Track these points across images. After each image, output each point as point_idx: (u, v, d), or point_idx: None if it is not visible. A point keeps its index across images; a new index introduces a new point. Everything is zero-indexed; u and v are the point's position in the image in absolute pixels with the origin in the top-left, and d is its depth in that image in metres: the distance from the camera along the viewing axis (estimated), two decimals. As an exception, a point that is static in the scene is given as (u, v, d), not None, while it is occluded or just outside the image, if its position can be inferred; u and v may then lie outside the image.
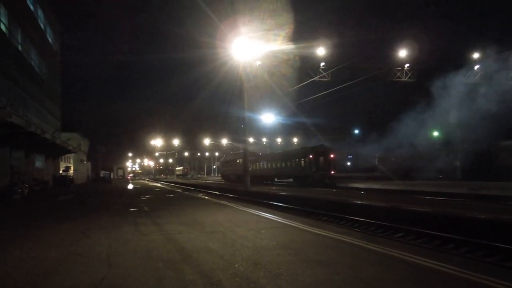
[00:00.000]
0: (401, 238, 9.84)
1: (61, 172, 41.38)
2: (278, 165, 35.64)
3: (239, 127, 30.08)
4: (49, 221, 10.54)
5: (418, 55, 29.45)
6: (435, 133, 46.26)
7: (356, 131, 64.01)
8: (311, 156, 30.28)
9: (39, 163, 32.18)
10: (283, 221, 9.35)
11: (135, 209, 13.22)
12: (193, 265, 5.26)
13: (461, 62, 31.34)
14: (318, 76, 29.56)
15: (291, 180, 35.13)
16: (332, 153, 30.82)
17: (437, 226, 9.94)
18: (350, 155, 73.53)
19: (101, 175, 67.13)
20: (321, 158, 30.21)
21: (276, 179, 37.05)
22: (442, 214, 10.50)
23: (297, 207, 15.83)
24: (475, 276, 4.54)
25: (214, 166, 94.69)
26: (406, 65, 30.48)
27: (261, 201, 18.74)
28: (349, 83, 29.62)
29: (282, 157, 35.64)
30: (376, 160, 53.08)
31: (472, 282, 4.38)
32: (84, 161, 59.52)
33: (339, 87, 29.72)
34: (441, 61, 32.46)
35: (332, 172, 30.02)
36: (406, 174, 37.36)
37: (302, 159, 31.41)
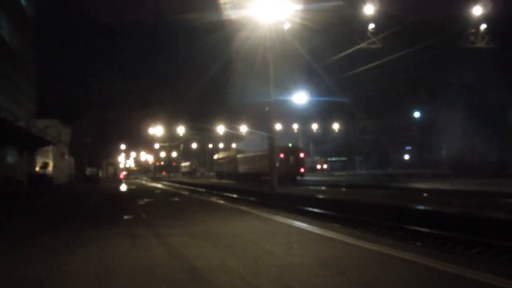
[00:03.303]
0: (479, 254, 9.64)
1: (37, 169, 42.45)
2: (261, 164, 43.96)
3: (262, 112, 30.04)
4: (25, 231, 10.81)
5: (499, 13, 28.47)
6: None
7: (417, 114, 62.70)
8: (281, 156, 39.64)
9: (11, 158, 33.09)
10: (321, 232, 9.29)
11: (131, 217, 13.44)
12: (206, 288, 5.28)
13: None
14: (365, 43, 29.04)
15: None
16: (302, 152, 42.63)
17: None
18: (408, 146, 72.52)
19: (87, 173, 68.49)
20: (291, 157, 40.81)
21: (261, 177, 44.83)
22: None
23: (338, 214, 15.75)
24: None
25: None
26: (483, 26, 29.50)
27: (292, 206, 18.75)
28: (407, 51, 29.00)
29: (262, 156, 44.38)
30: (443, 152, 52.23)
31: None
32: (65, 155, 60.82)
33: (393, 56, 29.16)
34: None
35: (302, 170, 41.24)
36: (484, 170, 36.61)
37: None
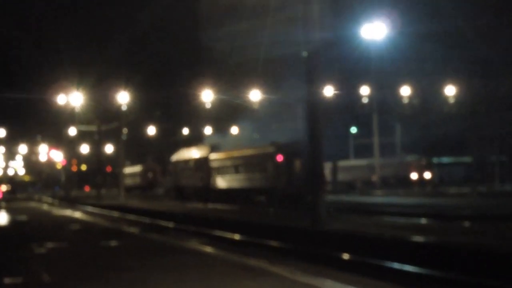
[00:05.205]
0: None
1: None
2: (254, 171, 49.27)
3: (296, 62, 30.27)
4: None
5: None
6: None
7: None
8: (279, 159, 43.75)
9: None
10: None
11: (19, 281, 13.49)
12: None
13: None
14: None
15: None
16: None
17: None
18: None
19: None
20: (297, 162, 43.17)
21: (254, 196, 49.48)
22: None
23: (456, 276, 15.69)
24: None
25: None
26: None
27: (355, 258, 18.80)
28: None
29: (257, 157, 49.68)
30: None
31: None
32: None
33: None
34: None
35: None
36: None
37: (268, 163, 45.72)
